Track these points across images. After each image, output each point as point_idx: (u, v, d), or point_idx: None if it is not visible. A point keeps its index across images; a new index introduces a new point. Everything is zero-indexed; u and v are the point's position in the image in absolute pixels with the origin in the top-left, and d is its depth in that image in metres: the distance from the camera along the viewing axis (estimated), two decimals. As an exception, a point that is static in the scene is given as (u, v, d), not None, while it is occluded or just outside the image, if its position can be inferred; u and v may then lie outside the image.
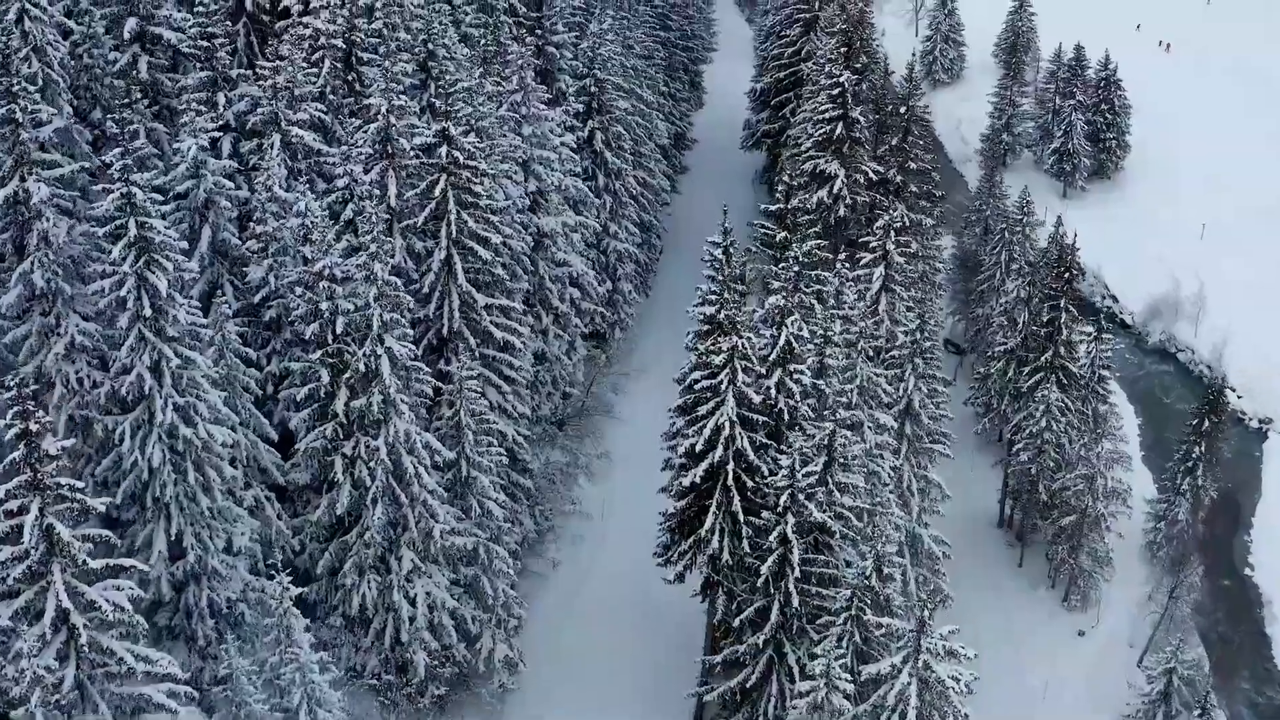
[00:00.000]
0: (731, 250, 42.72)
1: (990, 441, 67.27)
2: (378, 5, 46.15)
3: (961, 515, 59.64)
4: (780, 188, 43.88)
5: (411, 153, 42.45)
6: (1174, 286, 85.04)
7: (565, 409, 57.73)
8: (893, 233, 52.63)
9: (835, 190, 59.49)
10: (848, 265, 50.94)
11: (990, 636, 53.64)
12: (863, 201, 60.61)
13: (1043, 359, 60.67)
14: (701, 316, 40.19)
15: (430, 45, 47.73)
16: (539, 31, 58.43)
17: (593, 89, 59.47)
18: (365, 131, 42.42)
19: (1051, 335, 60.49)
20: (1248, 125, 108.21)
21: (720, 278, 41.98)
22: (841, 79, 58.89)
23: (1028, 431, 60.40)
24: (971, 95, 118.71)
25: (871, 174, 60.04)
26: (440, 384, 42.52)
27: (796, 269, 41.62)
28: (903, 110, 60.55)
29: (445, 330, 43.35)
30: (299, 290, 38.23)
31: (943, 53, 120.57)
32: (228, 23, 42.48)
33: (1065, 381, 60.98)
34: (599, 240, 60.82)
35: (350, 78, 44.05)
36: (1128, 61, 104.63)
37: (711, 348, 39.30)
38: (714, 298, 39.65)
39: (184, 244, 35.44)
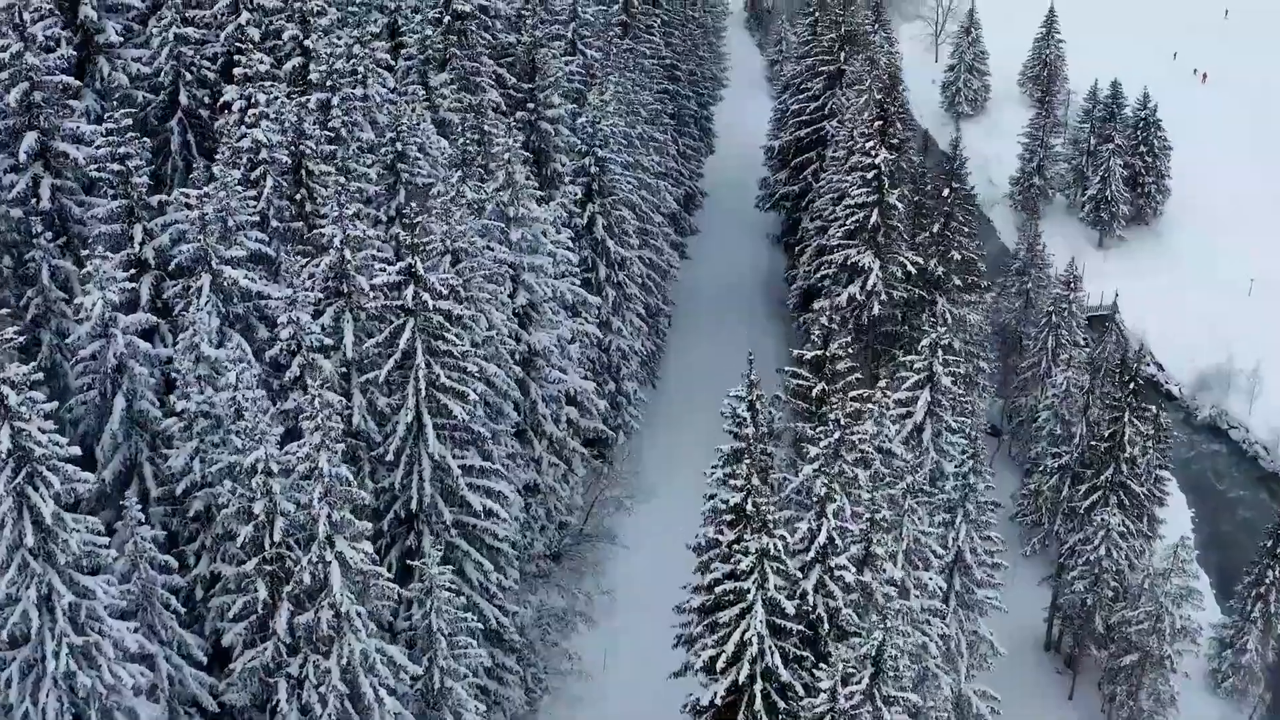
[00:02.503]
0: (758, 405, 35.47)
1: (1036, 546, 60.07)
2: (335, 100, 38.66)
3: (1005, 634, 52.71)
4: (816, 330, 36.75)
5: (372, 293, 35.12)
6: (1226, 359, 77.94)
7: (563, 538, 50.51)
8: (939, 351, 45.36)
9: (869, 286, 52.22)
10: (887, 391, 43.73)
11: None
12: (899, 296, 53.36)
13: (1102, 478, 53.61)
14: (723, 504, 32.96)
15: (400, 144, 40.37)
16: (531, 105, 50.94)
17: (593, 169, 52.02)
18: (317, 266, 35.08)
19: (1113, 450, 53.39)
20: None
21: (744, 441, 34.83)
22: (877, 160, 51.50)
23: (1084, 559, 53.40)
24: (997, 129, 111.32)
25: (910, 266, 52.71)
26: (404, 579, 35.42)
27: (838, 434, 34.45)
28: (944, 193, 53.17)
29: (415, 504, 36.09)
30: (229, 484, 30.99)
31: (966, 83, 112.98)
32: (144, 139, 34.93)
33: (1126, 501, 53.96)
34: (600, 338, 53.46)
35: (299, 195, 36.67)
36: (1163, 93, 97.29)
37: (737, 547, 32.12)
38: (739, 482, 32.41)
39: (77, 449, 28.13)
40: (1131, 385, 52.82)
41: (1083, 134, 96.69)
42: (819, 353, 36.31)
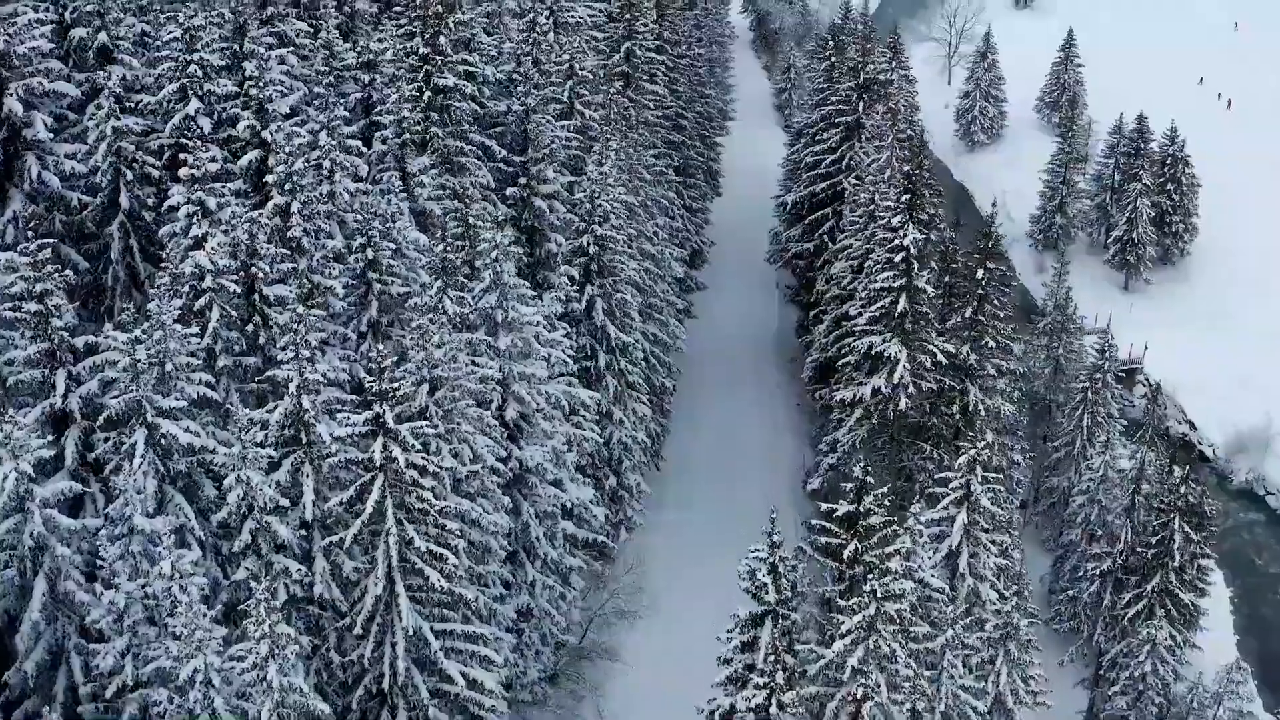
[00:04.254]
0: (782, 570, 30.78)
1: (1073, 655, 55.31)
2: (295, 206, 33.68)
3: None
4: (850, 486, 32.00)
5: (336, 446, 30.35)
6: (1265, 419, 73.19)
7: (559, 660, 45.73)
8: (978, 468, 40.66)
9: (896, 378, 47.44)
10: (920, 510, 39.07)
11: None
12: (927, 387, 48.57)
13: (1148, 587, 48.98)
14: (744, 703, 28.28)
15: (371, 250, 35.53)
16: (523, 180, 46.10)
17: (592, 248, 47.21)
18: (271, 411, 30.31)
19: (1160, 557, 48.74)
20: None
21: (766, 606, 30.23)
22: (905, 240, 46.62)
23: (1128, 672, 48.83)
24: (1015, 159, 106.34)
25: (940, 355, 47.93)
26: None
27: (874, 607, 29.84)
28: (979, 274, 48.35)
29: (386, 683, 31.37)
30: (165, 693, 26.29)
31: (983, 111, 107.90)
32: (66, 271, 30.08)
33: (1174, 611, 49.35)
34: (599, 435, 48.65)
35: (252, 324, 31.85)
36: (1188, 122, 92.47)
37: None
38: (762, 680, 27.71)
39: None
40: (1183, 488, 48.23)
41: (1107, 169, 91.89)
42: (852, 508, 31.73)
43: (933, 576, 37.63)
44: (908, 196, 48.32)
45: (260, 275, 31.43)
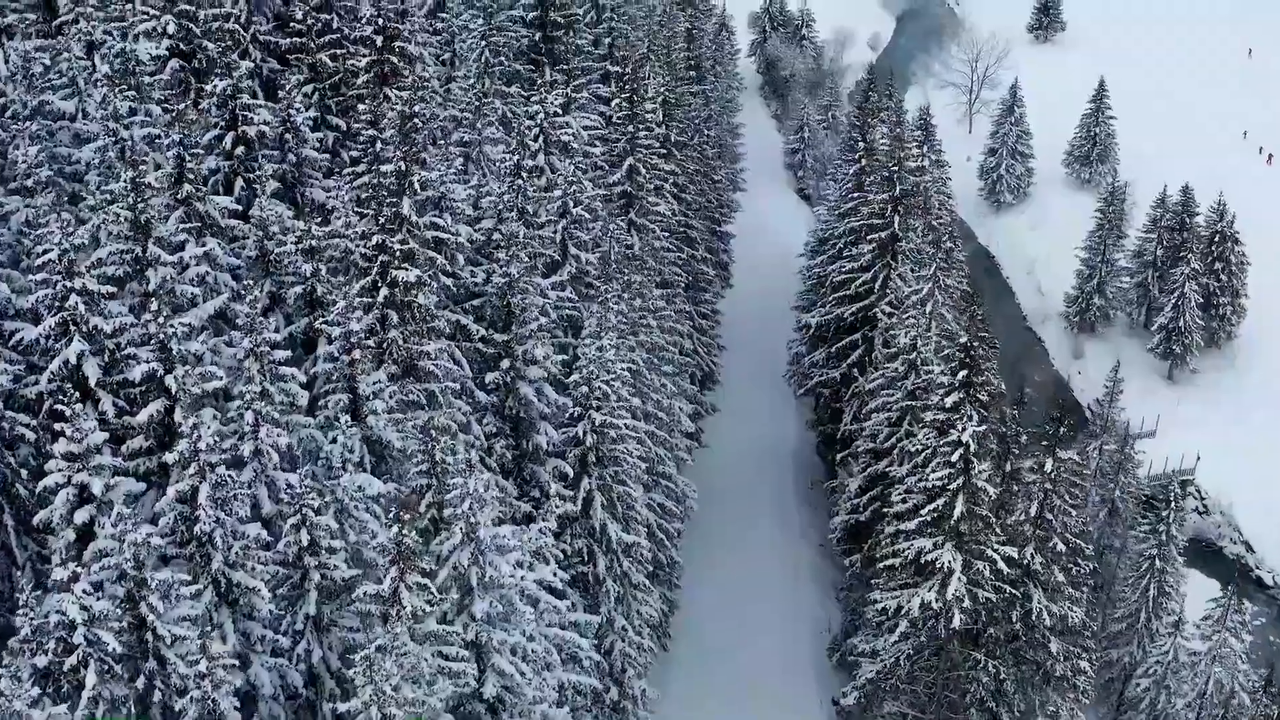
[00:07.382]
0: None
1: None
2: (205, 491, 25.78)
3: None
4: None
5: None
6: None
7: None
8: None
9: (950, 592, 39.91)
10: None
11: None
12: (985, 596, 41.04)
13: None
14: None
15: (307, 532, 27.71)
16: (506, 363, 38.35)
17: (589, 437, 39.55)
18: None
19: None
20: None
21: None
22: (964, 436, 38.96)
23: None
24: (1043, 220, 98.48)
25: (1001, 561, 40.38)
26: None
27: None
28: (1046, 466, 40.79)
29: None
30: None
31: (1009, 169, 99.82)
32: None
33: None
34: (599, 642, 41.18)
35: (145, 674, 24.08)
36: (1227, 180, 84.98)
37: None
38: None
39: None
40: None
41: (1148, 245, 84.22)
42: None
43: None
44: (965, 373, 40.58)
45: (153, 613, 23.69)
